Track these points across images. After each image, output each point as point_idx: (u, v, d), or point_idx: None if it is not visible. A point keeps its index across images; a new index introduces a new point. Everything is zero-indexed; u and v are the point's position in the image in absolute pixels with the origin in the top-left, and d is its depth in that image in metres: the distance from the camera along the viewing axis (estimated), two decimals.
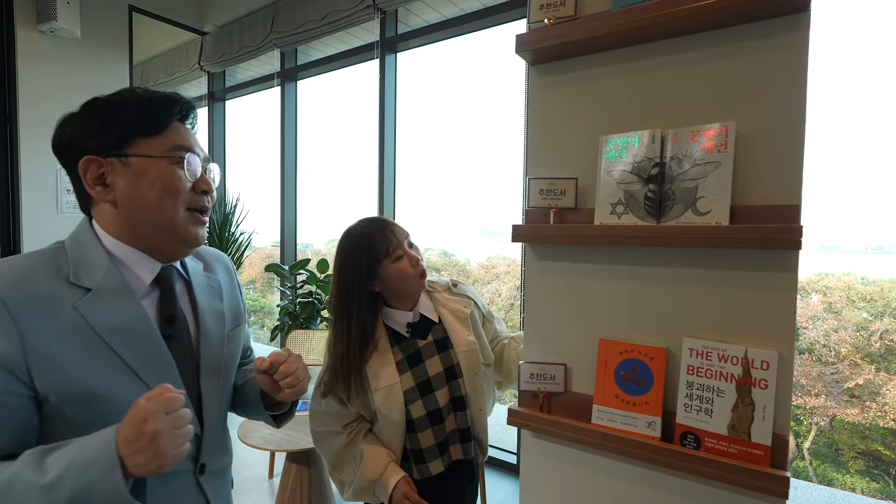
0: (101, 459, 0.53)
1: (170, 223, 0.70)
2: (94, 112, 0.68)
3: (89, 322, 0.63)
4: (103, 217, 0.70)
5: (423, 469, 1.18)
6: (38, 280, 0.62)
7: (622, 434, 0.91)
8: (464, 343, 1.21)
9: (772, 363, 0.80)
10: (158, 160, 0.68)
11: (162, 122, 0.69)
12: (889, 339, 5.72)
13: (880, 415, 5.45)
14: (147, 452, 0.54)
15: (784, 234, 0.75)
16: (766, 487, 0.78)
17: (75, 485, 0.52)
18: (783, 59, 0.80)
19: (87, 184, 0.67)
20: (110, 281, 0.67)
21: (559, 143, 1.03)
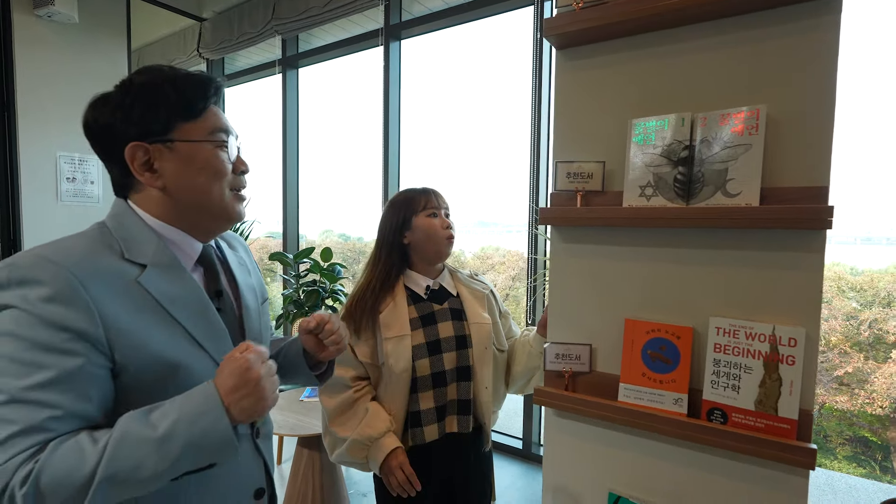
0: (209, 410, 0.57)
1: (217, 205, 0.72)
2: (135, 96, 0.67)
3: (153, 295, 0.65)
4: (146, 200, 0.71)
5: (417, 434, 1.20)
6: (102, 256, 0.64)
7: (649, 411, 0.94)
8: (477, 316, 1.26)
9: (799, 340, 0.82)
10: (202, 144, 0.70)
11: (200, 105, 0.70)
12: (878, 328, 5.83)
13: (868, 402, 5.58)
14: (252, 397, 0.59)
15: (816, 214, 0.77)
16: (793, 459, 0.80)
17: (187, 435, 0.56)
18: (814, 43, 0.82)
19: (135, 170, 0.67)
20: (162, 258, 0.68)
21: (586, 126, 1.04)
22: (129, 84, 0.68)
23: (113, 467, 0.53)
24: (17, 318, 0.56)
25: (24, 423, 0.53)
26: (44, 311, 0.56)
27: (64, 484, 0.52)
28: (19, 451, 0.52)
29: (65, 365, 0.56)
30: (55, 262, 0.59)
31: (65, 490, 0.52)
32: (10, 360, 0.55)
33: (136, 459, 0.54)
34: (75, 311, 0.57)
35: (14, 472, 0.51)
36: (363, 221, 7.61)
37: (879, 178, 6.61)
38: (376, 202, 3.33)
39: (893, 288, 6.02)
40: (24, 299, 0.56)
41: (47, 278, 0.57)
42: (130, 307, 0.62)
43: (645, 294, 0.98)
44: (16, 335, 0.55)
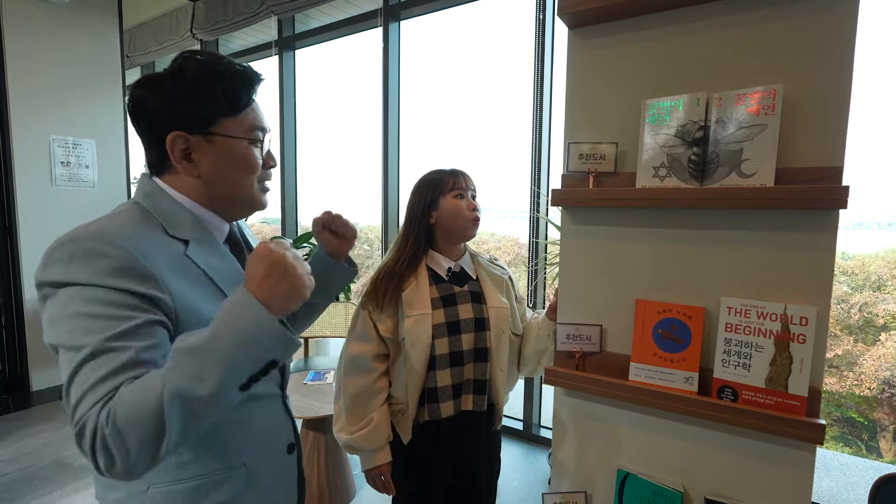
0: (244, 304, 0.59)
1: (246, 196, 0.77)
2: (185, 86, 0.69)
3: (201, 267, 0.71)
4: (180, 182, 0.74)
5: (433, 409, 1.22)
6: (151, 232, 0.68)
7: (660, 389, 0.95)
8: (496, 300, 1.28)
9: (811, 319, 0.83)
10: (240, 141, 0.73)
11: (243, 102, 0.73)
12: (867, 311, 5.92)
13: (856, 384, 5.68)
14: (286, 280, 0.61)
15: (831, 194, 0.77)
16: (802, 434, 0.82)
17: (231, 332, 0.58)
18: (832, 22, 0.81)
19: (174, 158, 0.71)
20: (201, 234, 0.74)
21: (598, 107, 1.03)
22: (181, 73, 0.69)
23: (174, 382, 0.55)
24: (89, 293, 0.59)
25: (107, 368, 0.57)
26: (113, 283, 0.59)
27: (139, 412, 0.54)
28: (102, 395, 0.56)
29: (138, 319, 0.60)
30: (116, 236, 0.62)
31: (141, 418, 0.54)
32: (89, 327, 0.57)
33: (193, 368, 0.56)
34: (141, 279, 0.61)
35: (98, 415, 0.55)
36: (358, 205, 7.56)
37: (871, 163, 6.64)
38: (374, 186, 3.31)
39: (884, 272, 6.09)
40: (94, 273, 0.59)
41: (110, 252, 0.60)
42: (184, 277, 0.68)
43: (657, 275, 0.99)
44: (92, 307, 0.58)
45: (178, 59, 0.71)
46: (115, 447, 0.54)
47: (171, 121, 0.69)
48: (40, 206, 3.37)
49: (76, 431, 0.55)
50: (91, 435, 0.54)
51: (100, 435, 0.54)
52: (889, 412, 5.60)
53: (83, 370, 0.57)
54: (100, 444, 0.54)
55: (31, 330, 3.39)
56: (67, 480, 2.34)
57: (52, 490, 2.26)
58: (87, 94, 3.59)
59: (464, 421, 1.25)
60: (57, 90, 3.43)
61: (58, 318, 0.59)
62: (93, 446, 0.54)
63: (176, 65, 0.70)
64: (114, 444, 0.54)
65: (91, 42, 3.59)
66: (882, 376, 5.53)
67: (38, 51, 3.32)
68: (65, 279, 0.59)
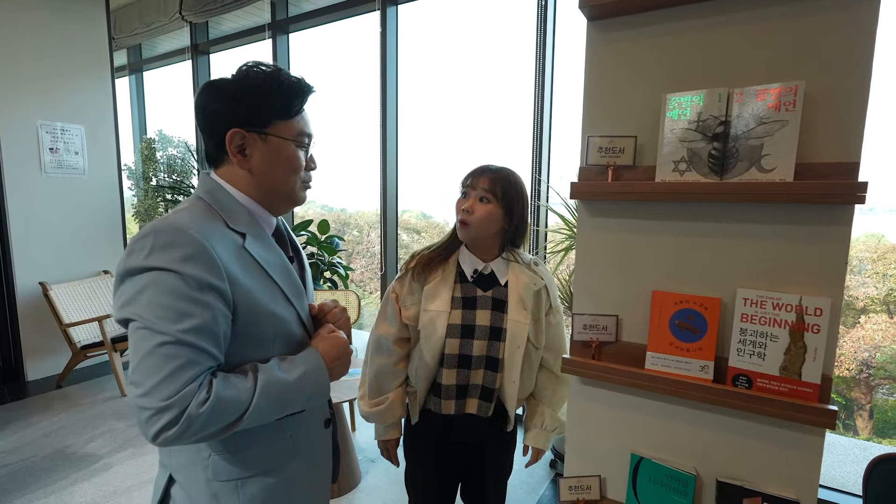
0: (321, 370, 0.83)
1: (289, 193, 0.86)
2: (247, 92, 0.78)
3: (257, 260, 0.80)
4: (235, 176, 0.83)
5: (435, 403, 1.25)
6: (217, 225, 0.76)
7: (676, 377, 0.98)
8: (518, 313, 1.21)
9: (825, 309, 0.87)
10: (289, 143, 0.82)
11: (295, 110, 0.83)
12: (848, 294, 6.08)
13: (836, 365, 5.85)
14: (345, 366, 0.88)
15: (849, 189, 0.80)
16: (814, 420, 0.86)
17: (308, 385, 0.80)
18: (852, 18, 0.83)
19: (230, 151, 0.79)
20: (255, 227, 0.82)
21: (617, 101, 1.04)
22: (245, 80, 0.79)
23: (263, 400, 0.73)
24: (165, 277, 0.68)
25: (185, 359, 0.67)
26: (186, 269, 0.69)
27: (228, 408, 0.70)
28: (187, 381, 0.67)
29: (205, 314, 0.69)
30: (190, 228, 0.71)
31: (227, 413, 0.70)
32: (165, 307, 0.67)
33: (276, 396, 0.75)
34: (210, 268, 0.70)
35: (193, 396, 0.67)
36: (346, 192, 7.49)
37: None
38: (368, 172, 3.29)
39: (864, 256, 6.25)
40: (170, 260, 0.68)
41: (187, 242, 0.70)
42: (243, 268, 0.76)
43: (673, 267, 1.01)
44: (167, 289, 0.68)
45: (245, 67, 0.81)
46: (196, 427, 0.66)
47: (232, 118, 0.78)
48: (30, 194, 3.29)
49: (159, 407, 0.65)
50: (177, 414, 0.65)
51: (188, 416, 0.65)
52: (866, 392, 5.81)
53: (157, 355, 0.66)
54: (184, 422, 0.65)
55: (25, 320, 3.35)
56: (71, 470, 2.35)
57: (56, 480, 2.27)
58: (75, 78, 3.49)
59: (465, 423, 1.26)
60: (43, 74, 3.33)
61: (135, 297, 0.68)
62: (173, 422, 0.65)
63: (242, 72, 0.80)
64: (197, 425, 0.66)
65: (77, 22, 3.47)
66: (860, 357, 5.72)
67: (23, 33, 3.21)
68: (145, 265, 0.68)
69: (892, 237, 6.19)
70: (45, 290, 3.25)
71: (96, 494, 2.16)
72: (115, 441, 2.62)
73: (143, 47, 4.93)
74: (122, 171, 3.86)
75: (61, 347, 3.44)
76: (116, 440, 2.63)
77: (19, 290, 3.29)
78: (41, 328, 3.41)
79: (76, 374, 3.49)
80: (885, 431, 5.73)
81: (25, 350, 3.38)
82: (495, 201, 1.19)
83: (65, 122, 3.46)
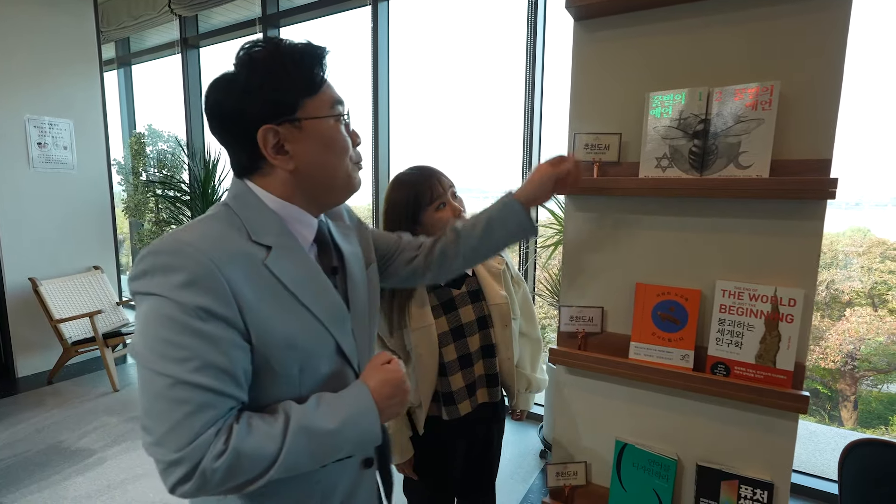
0: (368, 412, 0.67)
1: (343, 181, 0.72)
2: (261, 75, 0.64)
3: (278, 277, 0.66)
4: (270, 180, 0.69)
5: (452, 410, 1.26)
6: (232, 239, 0.64)
7: (658, 366, 1.02)
8: (496, 296, 1.27)
9: (798, 300, 0.91)
10: (325, 120, 0.68)
11: (318, 78, 0.67)
12: (834, 288, 6.20)
13: (822, 357, 5.98)
14: (401, 404, 0.72)
15: (822, 185, 0.84)
16: (788, 405, 0.90)
17: (351, 433, 0.66)
18: (826, 21, 0.86)
19: (268, 154, 0.66)
20: (286, 239, 0.69)
21: (603, 99, 1.07)
22: (252, 63, 0.65)
23: (293, 454, 0.61)
24: (162, 305, 0.58)
25: (195, 403, 0.57)
26: (185, 297, 0.58)
27: (249, 462, 0.59)
28: (200, 429, 0.57)
29: (213, 348, 0.59)
30: (194, 247, 0.60)
31: (251, 467, 0.59)
32: (166, 343, 0.58)
33: (310, 447, 0.62)
34: (214, 294, 0.59)
35: (207, 448, 0.57)
36: None
37: (839, 144, 6.87)
38: (364, 167, 3.30)
39: (850, 250, 6.36)
40: (167, 286, 0.58)
41: (187, 264, 0.59)
42: (260, 290, 0.64)
43: (656, 260, 1.05)
44: (166, 320, 0.58)
45: (242, 52, 0.66)
46: (214, 483, 0.57)
47: (257, 115, 0.64)
48: (18, 189, 3.27)
49: (171, 460, 0.56)
50: (190, 469, 0.56)
51: (202, 471, 0.56)
52: (850, 383, 5.94)
53: (165, 399, 0.57)
54: (198, 478, 0.56)
55: (15, 316, 3.33)
56: (65, 465, 2.35)
57: (50, 475, 2.27)
58: (63, 72, 3.46)
59: (484, 411, 1.29)
60: (30, 68, 3.29)
61: (142, 330, 0.60)
62: (186, 477, 0.56)
63: (244, 57, 0.65)
64: (214, 481, 0.57)
65: (64, 15, 3.43)
66: (846, 350, 5.84)
67: (9, 27, 3.16)
68: (145, 290, 0.60)
69: (878, 231, 6.30)
70: (35, 286, 3.23)
71: (90, 488, 2.17)
72: (109, 436, 2.63)
73: (132, 41, 4.88)
74: (111, 166, 3.83)
75: (52, 343, 3.43)
76: (110, 435, 2.64)
77: (8, 286, 3.27)
78: (31, 324, 3.39)
79: (67, 370, 3.47)
80: (870, 422, 5.86)
81: (15, 346, 3.36)
82: None
83: (53, 117, 3.43)
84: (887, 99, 6.56)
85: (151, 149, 4.44)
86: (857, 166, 6.80)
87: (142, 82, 5.14)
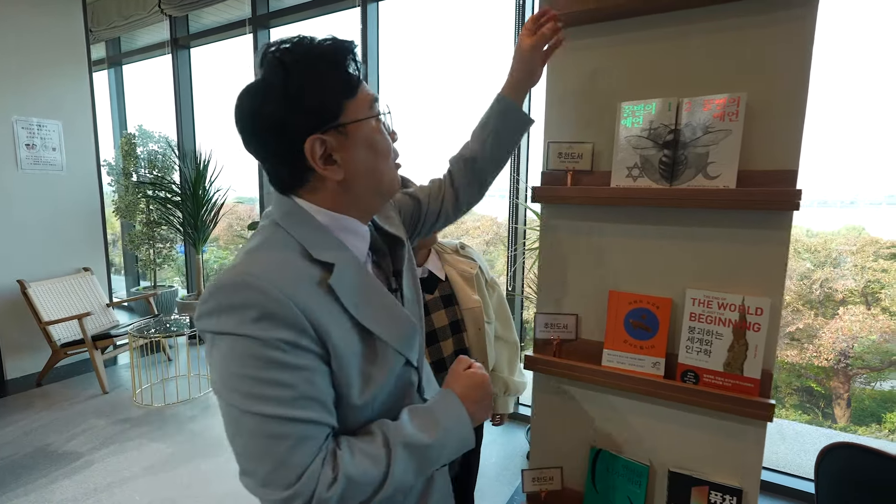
0: (462, 420, 0.68)
1: (388, 183, 0.68)
2: (299, 81, 0.59)
3: (343, 303, 0.62)
4: (319, 193, 0.65)
5: None
6: (295, 263, 0.61)
7: (630, 374, 1.03)
8: (469, 300, 1.28)
9: (765, 309, 0.92)
10: (368, 121, 0.64)
11: (354, 78, 0.62)
12: (828, 286, 6.23)
13: (815, 355, 6.01)
14: (488, 408, 0.74)
15: (787, 196, 0.85)
16: (755, 413, 0.91)
17: (450, 439, 0.67)
18: (791, 34, 0.87)
19: (317, 166, 0.61)
20: (344, 255, 0.64)
21: (577, 108, 1.08)
22: (286, 67, 0.59)
23: (399, 472, 0.61)
24: (240, 343, 0.56)
25: (294, 437, 0.56)
26: (263, 332, 0.55)
27: (362, 486, 0.58)
28: (305, 462, 0.56)
29: (301, 378, 0.57)
30: (261, 279, 0.57)
31: (362, 491, 0.58)
32: (252, 381, 0.55)
33: (415, 463, 0.62)
34: (290, 325, 0.57)
35: (318, 479, 0.56)
36: None
37: (833, 145, 6.90)
38: None
39: (844, 249, 6.39)
40: (241, 323, 0.56)
41: (258, 298, 0.56)
42: (331, 312, 0.61)
43: (628, 268, 1.06)
44: (248, 358, 0.56)
45: (270, 56, 0.60)
46: None
47: (301, 125, 0.59)
48: (6, 191, 3.25)
49: (284, 497, 0.55)
50: (306, 502, 0.55)
51: (317, 501, 0.55)
52: (844, 381, 5.98)
53: (261, 437, 0.55)
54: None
55: (3, 318, 3.31)
56: (51, 468, 2.35)
57: (36, 478, 2.27)
58: (51, 73, 3.44)
59: None
60: (17, 68, 3.27)
61: (222, 371, 0.57)
62: None
63: (275, 61, 0.59)
64: None
65: (52, 13, 3.42)
66: (839, 348, 5.87)
67: None
68: (218, 329, 0.57)
69: (872, 230, 6.33)
70: (24, 288, 3.22)
71: (77, 492, 2.17)
72: (97, 438, 2.63)
73: (123, 40, 4.86)
74: (101, 167, 3.82)
75: (41, 345, 3.42)
76: (98, 438, 2.64)
77: None
78: (20, 326, 3.38)
79: (56, 372, 3.47)
80: (863, 419, 5.89)
81: (4, 348, 3.35)
82: None
83: (41, 118, 3.42)
84: (886, 98, 6.60)
85: (142, 149, 4.43)
86: (853, 164, 6.83)
87: (133, 82, 5.12)
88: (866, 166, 7.06)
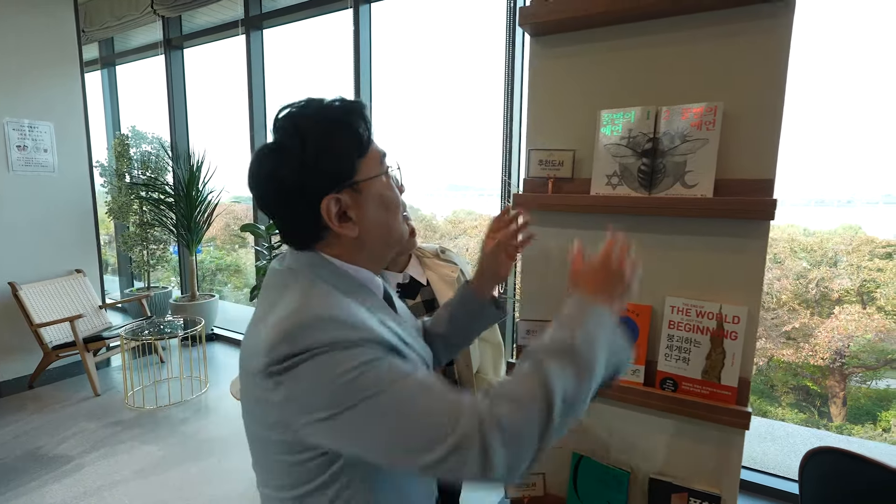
0: (593, 308, 0.61)
1: (398, 237, 0.70)
2: (316, 145, 0.62)
3: (385, 322, 0.63)
4: (335, 248, 0.67)
5: None
6: (343, 298, 0.62)
7: None
8: None
9: (742, 317, 0.92)
10: (378, 178, 0.66)
11: (365, 137, 0.65)
12: (824, 286, 6.24)
13: (811, 354, 6.03)
14: (622, 282, 0.66)
15: (762, 206, 0.85)
16: (732, 421, 0.92)
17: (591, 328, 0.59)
18: (768, 43, 0.87)
19: (332, 224, 0.63)
20: (374, 301, 0.67)
21: (558, 115, 1.08)
22: (302, 133, 0.62)
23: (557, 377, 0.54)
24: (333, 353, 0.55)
25: (436, 386, 0.54)
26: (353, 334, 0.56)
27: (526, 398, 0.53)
28: (457, 397, 0.54)
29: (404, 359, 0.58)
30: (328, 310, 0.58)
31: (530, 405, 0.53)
32: (371, 367, 0.54)
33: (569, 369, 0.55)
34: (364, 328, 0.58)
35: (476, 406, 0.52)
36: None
37: (831, 143, 6.92)
38: None
39: (840, 248, 6.40)
40: (327, 339, 0.55)
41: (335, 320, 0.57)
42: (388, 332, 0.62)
43: None
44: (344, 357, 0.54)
45: (284, 120, 0.64)
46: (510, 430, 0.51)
47: (318, 187, 0.62)
48: None
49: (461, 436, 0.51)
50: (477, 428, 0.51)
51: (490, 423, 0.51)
52: (839, 380, 6.00)
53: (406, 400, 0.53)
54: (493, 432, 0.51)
55: None
56: (42, 471, 2.34)
57: (27, 481, 2.27)
58: (42, 74, 3.43)
59: None
60: (8, 70, 3.26)
61: (328, 385, 0.54)
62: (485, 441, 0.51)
63: (290, 127, 0.63)
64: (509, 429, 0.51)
65: (43, 14, 3.40)
66: (835, 347, 5.89)
67: None
68: (300, 353, 0.55)
69: (868, 229, 6.34)
70: (15, 291, 3.21)
71: (66, 495, 2.17)
72: (87, 442, 2.62)
73: (116, 41, 4.84)
74: (94, 169, 3.80)
75: (32, 348, 3.41)
76: (88, 441, 2.63)
77: None
78: (11, 328, 3.37)
79: (48, 375, 3.45)
80: (858, 418, 5.91)
81: None
82: None
83: (33, 119, 3.40)
84: (884, 98, 6.62)
85: (135, 150, 4.41)
86: (850, 163, 6.85)
87: (126, 83, 5.10)
88: (864, 166, 7.08)
